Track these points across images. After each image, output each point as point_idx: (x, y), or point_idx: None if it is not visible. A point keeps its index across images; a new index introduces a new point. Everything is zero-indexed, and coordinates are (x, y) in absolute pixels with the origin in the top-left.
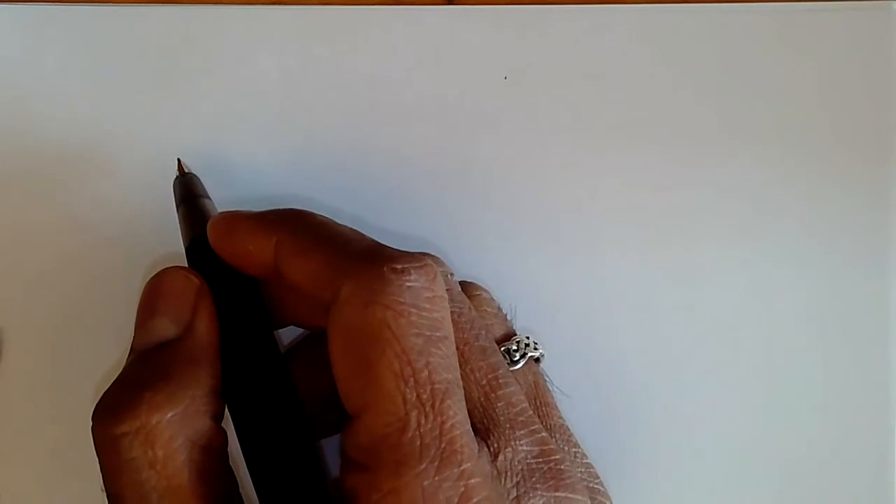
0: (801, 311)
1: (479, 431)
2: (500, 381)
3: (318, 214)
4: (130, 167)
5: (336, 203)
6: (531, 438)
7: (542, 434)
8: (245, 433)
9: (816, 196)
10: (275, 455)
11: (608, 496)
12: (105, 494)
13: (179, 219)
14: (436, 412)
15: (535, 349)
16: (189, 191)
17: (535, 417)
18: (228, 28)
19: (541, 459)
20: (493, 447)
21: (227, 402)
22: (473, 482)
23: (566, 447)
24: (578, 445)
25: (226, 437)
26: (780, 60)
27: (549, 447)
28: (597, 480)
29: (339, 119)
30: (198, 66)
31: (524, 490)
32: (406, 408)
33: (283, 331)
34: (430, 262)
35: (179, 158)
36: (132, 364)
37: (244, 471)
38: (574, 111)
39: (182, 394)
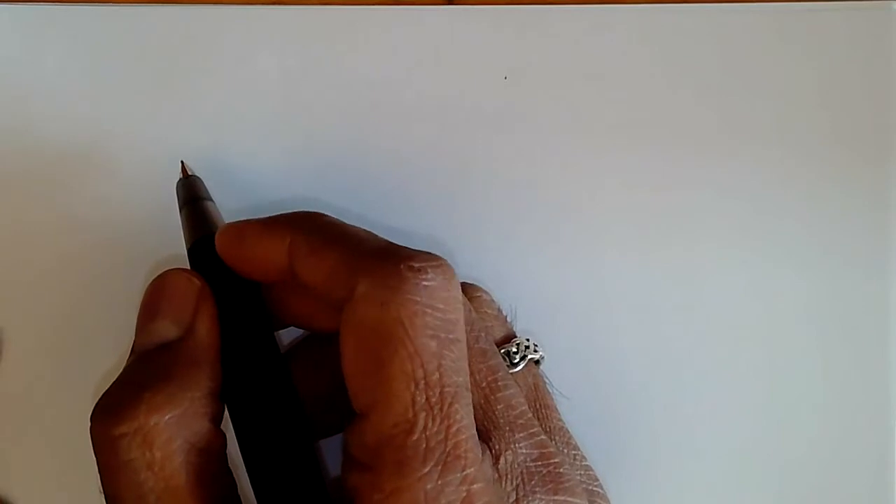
0: (801, 311)
1: (481, 434)
2: (500, 384)
3: (329, 215)
4: (130, 167)
5: (336, 203)
6: (530, 441)
7: (542, 437)
8: (244, 435)
9: (816, 196)
10: (273, 456)
11: (607, 499)
12: (103, 495)
13: (182, 221)
14: (443, 415)
15: (535, 351)
16: (192, 193)
17: (535, 420)
18: (228, 28)
19: (540, 462)
20: (495, 450)
21: (227, 404)
22: (476, 487)
23: (565, 449)
24: (578, 448)
25: (224, 440)
26: (780, 60)
27: (549, 450)
28: (596, 483)
29: (339, 119)
30: (198, 66)
31: (523, 493)
32: (414, 409)
33: (284, 332)
34: (447, 262)
35: (183, 161)
36: (132, 365)
37: (244, 472)
38: (574, 111)
39: (181, 395)
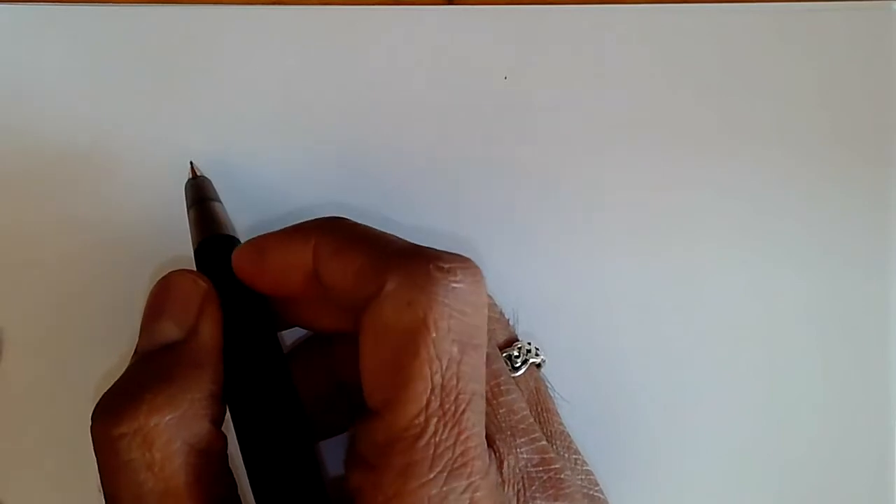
0: (801, 311)
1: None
2: (503, 388)
3: (350, 219)
4: (130, 167)
5: (335, 203)
6: (532, 447)
7: (543, 442)
8: (244, 436)
9: (816, 196)
10: (272, 458)
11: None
12: (102, 495)
13: (190, 221)
14: (455, 422)
15: (537, 355)
16: (201, 194)
17: (536, 425)
18: (228, 28)
19: (541, 468)
20: (498, 455)
21: (228, 405)
22: (479, 495)
23: (566, 454)
24: (579, 452)
25: (225, 441)
26: (780, 60)
27: (549, 455)
28: (596, 488)
29: (339, 119)
30: (198, 66)
31: (524, 499)
32: (427, 413)
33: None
34: (475, 264)
35: (192, 161)
36: (134, 365)
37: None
38: (574, 111)
39: (182, 397)
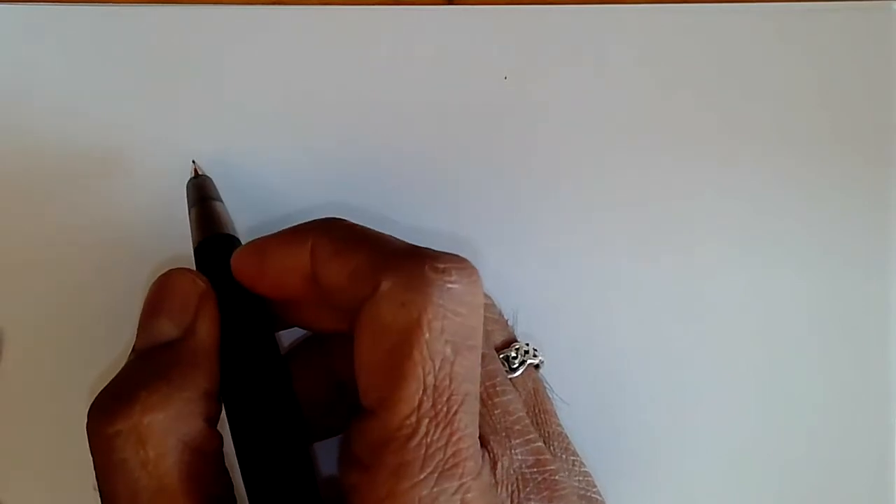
0: (801, 311)
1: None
2: (498, 389)
3: (348, 220)
4: (129, 167)
5: (334, 202)
6: (526, 448)
7: (538, 444)
8: (238, 435)
9: (816, 196)
10: (265, 457)
11: None
12: (98, 493)
13: (191, 220)
14: (447, 422)
15: (535, 356)
16: (202, 193)
17: (531, 427)
18: (228, 28)
19: (535, 469)
20: (492, 456)
21: (224, 404)
22: (470, 496)
23: (564, 455)
24: (577, 453)
25: (220, 440)
26: (780, 60)
27: (545, 457)
28: (594, 489)
29: (339, 119)
30: (198, 66)
31: (518, 500)
32: (419, 414)
33: (284, 332)
34: (471, 264)
35: (194, 160)
36: (131, 363)
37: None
38: (574, 111)
39: (177, 395)
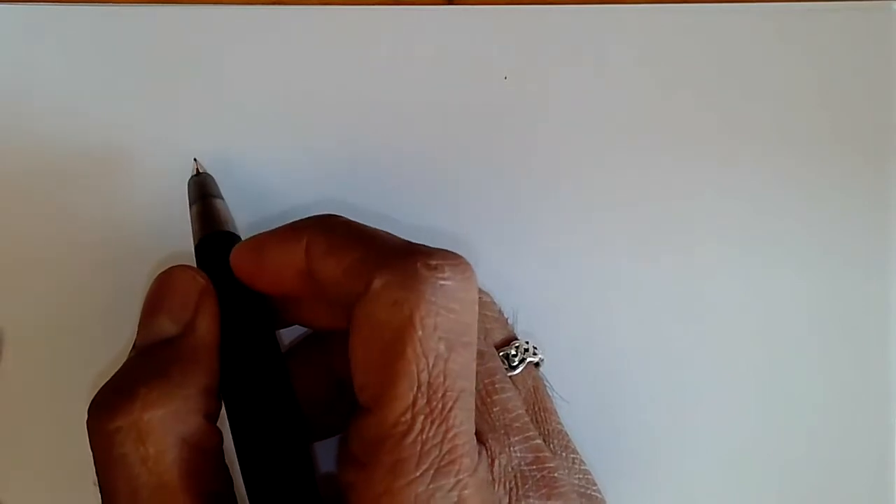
0: (801, 311)
1: (477, 436)
2: (497, 387)
3: (343, 216)
4: (130, 167)
5: (334, 202)
6: (525, 445)
7: (537, 441)
8: (238, 432)
9: (816, 196)
10: (265, 454)
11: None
12: (98, 489)
13: (191, 218)
14: (442, 419)
15: (535, 354)
16: (203, 190)
17: (531, 424)
18: (228, 28)
19: (534, 467)
20: (489, 452)
21: (224, 401)
22: (467, 493)
23: (563, 453)
24: (576, 451)
25: (220, 437)
26: (780, 61)
27: (544, 454)
28: (594, 487)
29: (339, 119)
30: (198, 66)
31: (516, 497)
32: (414, 411)
33: (284, 331)
34: (466, 261)
35: (196, 158)
36: (131, 360)
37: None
38: (574, 111)
39: (176, 392)
